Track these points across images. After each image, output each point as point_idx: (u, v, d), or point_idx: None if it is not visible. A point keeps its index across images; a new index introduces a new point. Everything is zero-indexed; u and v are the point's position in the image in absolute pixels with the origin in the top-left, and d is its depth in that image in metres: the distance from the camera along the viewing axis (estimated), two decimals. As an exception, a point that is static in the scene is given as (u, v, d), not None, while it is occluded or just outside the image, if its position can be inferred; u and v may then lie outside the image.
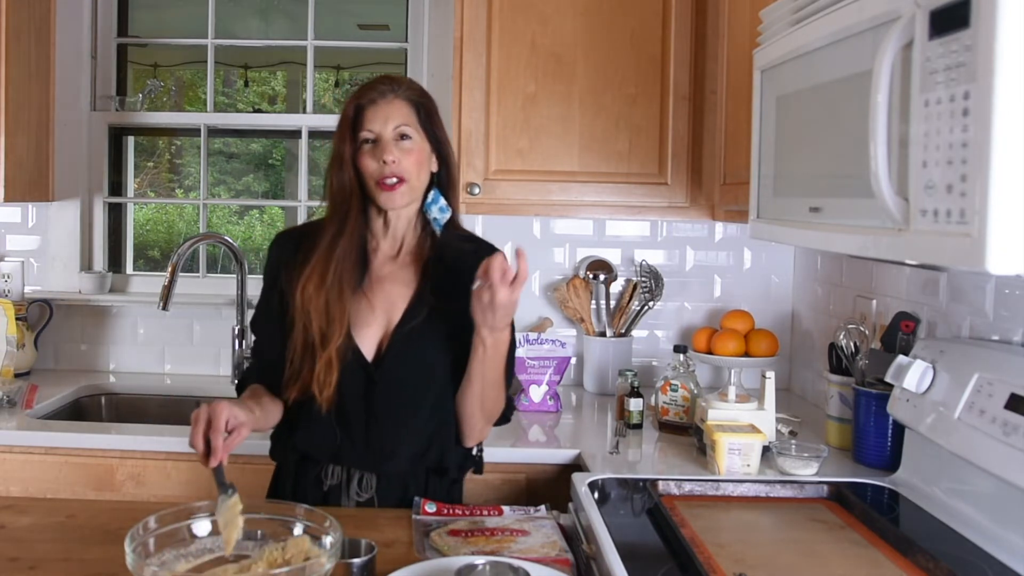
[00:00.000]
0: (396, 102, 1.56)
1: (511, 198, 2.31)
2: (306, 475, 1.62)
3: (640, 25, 2.29)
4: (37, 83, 2.54)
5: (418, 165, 1.56)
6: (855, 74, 1.22)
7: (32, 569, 1.29)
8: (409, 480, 1.61)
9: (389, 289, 1.61)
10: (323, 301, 1.53)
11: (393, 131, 1.54)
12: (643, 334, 2.65)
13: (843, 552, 1.33)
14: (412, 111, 1.57)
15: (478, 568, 1.18)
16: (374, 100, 1.55)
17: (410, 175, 1.55)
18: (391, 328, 1.59)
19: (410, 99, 1.58)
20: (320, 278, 1.54)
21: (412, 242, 1.64)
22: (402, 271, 1.62)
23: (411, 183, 1.56)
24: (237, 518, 1.26)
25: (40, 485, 2.04)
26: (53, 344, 2.72)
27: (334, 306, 1.53)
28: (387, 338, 1.58)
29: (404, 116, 1.56)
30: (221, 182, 6.68)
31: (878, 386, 1.79)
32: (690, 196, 2.30)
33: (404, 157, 1.54)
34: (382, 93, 1.56)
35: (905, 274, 1.93)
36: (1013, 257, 0.93)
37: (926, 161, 1.03)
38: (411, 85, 1.61)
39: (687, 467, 1.84)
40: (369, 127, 1.55)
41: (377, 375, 1.57)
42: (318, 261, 1.55)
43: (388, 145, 1.54)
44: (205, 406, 1.35)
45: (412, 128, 1.56)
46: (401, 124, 1.55)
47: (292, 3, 3.40)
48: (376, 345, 1.59)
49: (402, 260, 1.63)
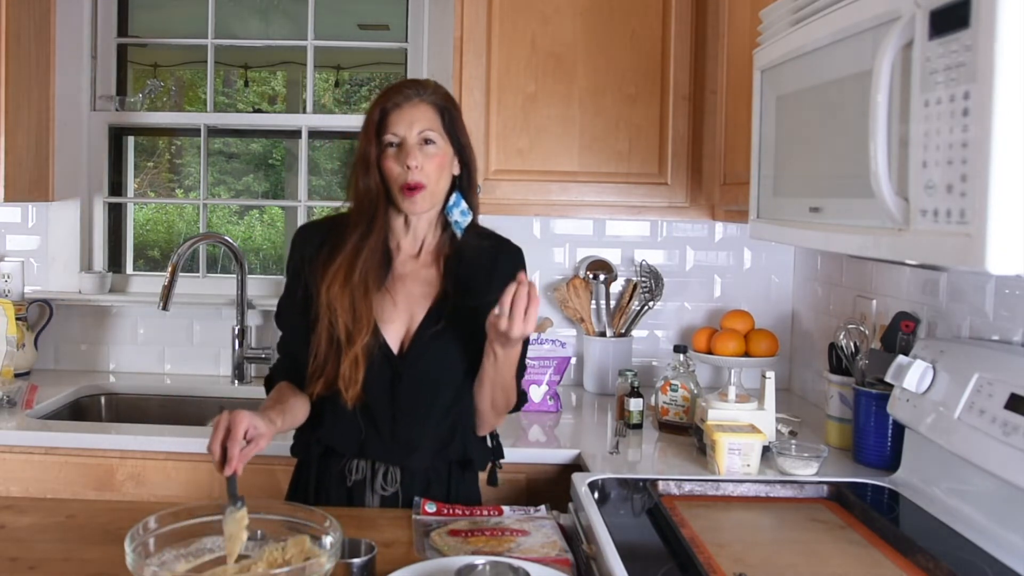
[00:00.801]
0: (421, 106, 1.56)
1: (511, 198, 2.31)
2: (329, 470, 1.63)
3: (640, 25, 2.29)
4: (37, 83, 2.54)
5: (440, 169, 1.57)
6: (855, 74, 1.22)
7: (32, 569, 1.29)
8: (432, 474, 1.62)
9: (411, 287, 1.63)
10: (349, 300, 1.55)
11: (417, 135, 1.55)
12: (643, 334, 2.65)
13: (843, 552, 1.33)
14: (436, 115, 1.58)
15: (478, 568, 1.18)
16: (399, 104, 1.56)
17: (431, 180, 1.56)
18: (414, 325, 1.61)
19: (435, 103, 1.58)
20: (346, 277, 1.56)
21: (433, 241, 1.66)
22: (423, 269, 1.64)
23: (431, 188, 1.57)
24: (242, 532, 1.26)
25: (40, 485, 2.04)
26: (53, 344, 2.72)
27: (360, 304, 1.55)
28: (410, 334, 1.61)
29: (428, 120, 1.56)
30: (221, 182, 6.68)
31: (878, 386, 1.79)
32: (690, 196, 2.30)
33: (427, 162, 1.55)
34: (407, 97, 1.56)
35: (905, 274, 1.93)
36: (1013, 257, 0.93)
37: (926, 161, 1.03)
38: (436, 89, 1.61)
39: (687, 467, 1.84)
40: (393, 131, 1.55)
41: (402, 369, 1.59)
42: (344, 260, 1.57)
43: (412, 150, 1.54)
44: (227, 413, 1.36)
45: (436, 133, 1.56)
46: (425, 129, 1.55)
47: (292, 3, 3.41)
48: (399, 341, 1.61)
49: (423, 259, 1.65)
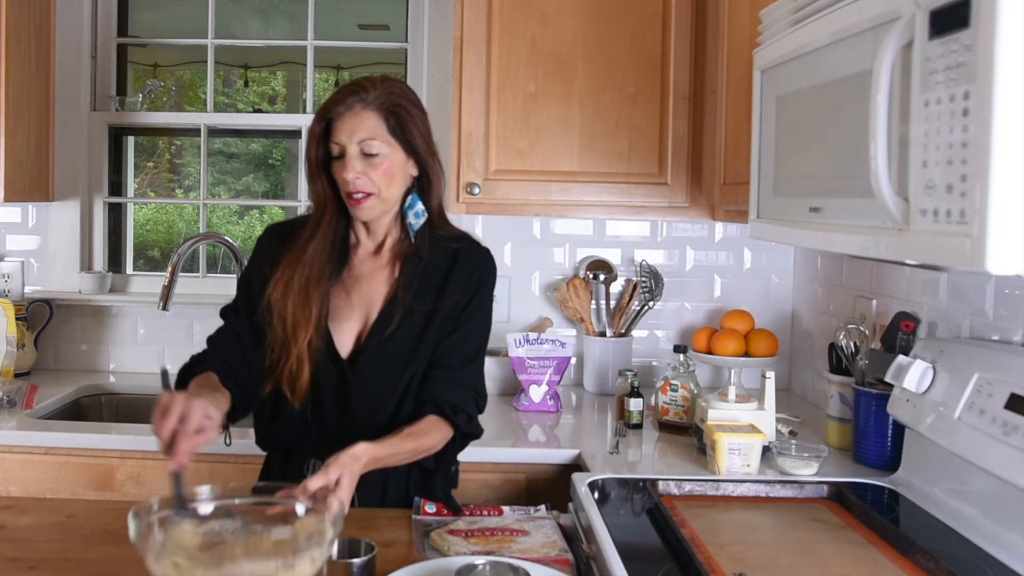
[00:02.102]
0: (363, 113, 1.52)
1: (511, 198, 2.31)
2: (291, 467, 1.63)
3: (640, 25, 2.29)
4: (37, 83, 2.54)
5: (387, 176, 1.55)
6: (855, 74, 1.22)
7: (32, 569, 1.29)
8: (390, 475, 1.59)
9: (367, 286, 1.63)
10: (290, 302, 1.56)
11: (357, 145, 1.52)
12: (643, 334, 2.65)
13: (843, 552, 1.33)
14: (380, 120, 1.53)
15: (478, 568, 1.18)
16: (340, 113, 1.53)
17: (378, 188, 1.54)
18: (369, 324, 1.61)
19: (380, 107, 1.53)
20: (290, 278, 1.57)
21: (392, 241, 1.65)
22: (381, 270, 1.64)
23: (380, 195, 1.55)
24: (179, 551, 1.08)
25: (40, 485, 2.04)
26: (53, 344, 2.72)
27: (301, 304, 1.55)
28: (365, 333, 1.61)
29: (370, 129, 1.52)
30: (221, 182, 6.68)
31: (878, 386, 1.79)
32: (690, 196, 2.30)
33: (371, 171, 1.53)
34: (349, 106, 1.53)
35: (905, 274, 1.93)
36: (1013, 257, 0.93)
37: (926, 161, 1.03)
38: (390, 89, 1.55)
39: (687, 467, 1.83)
40: (335, 140, 1.54)
41: (352, 372, 1.58)
42: (288, 262, 1.58)
43: (351, 161, 1.53)
44: (180, 397, 1.26)
45: (380, 140, 1.53)
46: (366, 138, 1.52)
47: (292, 3, 3.41)
48: (355, 338, 1.61)
49: (382, 258, 1.65)
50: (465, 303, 1.62)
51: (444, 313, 1.60)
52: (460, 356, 1.62)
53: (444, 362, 1.60)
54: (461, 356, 1.62)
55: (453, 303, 1.61)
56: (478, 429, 1.63)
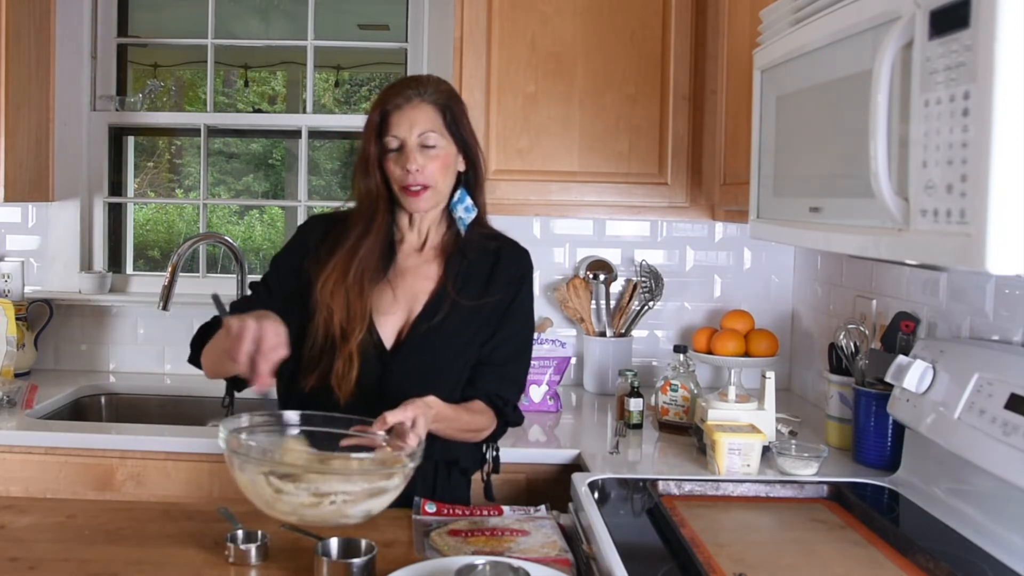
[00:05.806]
0: (422, 106, 1.56)
1: (511, 198, 2.31)
2: None
3: (640, 25, 2.29)
4: (37, 83, 2.54)
5: (443, 169, 1.58)
6: (855, 74, 1.22)
7: (32, 569, 1.29)
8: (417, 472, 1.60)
9: (412, 281, 1.64)
10: (343, 298, 1.56)
11: (417, 137, 1.55)
12: (643, 334, 2.65)
13: (843, 552, 1.33)
14: (438, 115, 1.57)
15: (478, 568, 1.18)
16: (399, 105, 1.56)
17: (435, 181, 1.57)
18: (411, 319, 1.62)
19: (436, 102, 1.58)
20: (341, 275, 1.57)
21: (437, 238, 1.67)
22: (425, 265, 1.65)
23: (436, 188, 1.58)
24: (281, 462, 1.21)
25: (40, 485, 2.04)
26: (53, 344, 2.72)
27: (355, 303, 1.56)
28: (407, 328, 1.62)
29: (429, 121, 1.56)
30: (221, 182, 6.68)
31: (878, 386, 1.79)
32: (690, 196, 2.30)
33: (429, 163, 1.56)
34: (408, 98, 1.56)
35: (905, 274, 1.93)
36: (1013, 257, 0.93)
37: (926, 161, 1.03)
38: (439, 86, 1.60)
39: (687, 467, 1.83)
40: (394, 133, 1.56)
41: (393, 364, 1.59)
42: (341, 258, 1.59)
43: (412, 152, 1.55)
44: (251, 321, 1.29)
45: (437, 133, 1.56)
46: (426, 130, 1.55)
47: (292, 3, 3.41)
48: (396, 333, 1.62)
49: (426, 254, 1.66)
50: (509, 301, 1.65)
51: (488, 311, 1.62)
52: (506, 353, 1.65)
53: (492, 359, 1.64)
54: (507, 353, 1.66)
55: (497, 301, 1.64)
56: (520, 418, 1.69)
